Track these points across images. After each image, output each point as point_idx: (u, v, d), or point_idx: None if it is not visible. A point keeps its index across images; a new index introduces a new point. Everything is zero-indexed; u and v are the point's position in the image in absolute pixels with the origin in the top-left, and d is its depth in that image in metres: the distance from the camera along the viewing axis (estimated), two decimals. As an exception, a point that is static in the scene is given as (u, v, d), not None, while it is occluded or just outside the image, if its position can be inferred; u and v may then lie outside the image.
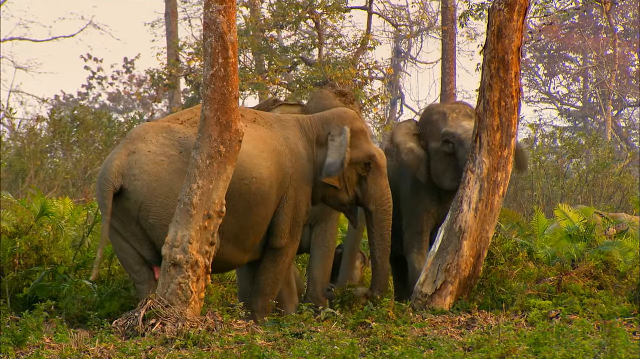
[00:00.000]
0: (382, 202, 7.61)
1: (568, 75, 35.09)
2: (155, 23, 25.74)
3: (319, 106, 8.09)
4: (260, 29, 20.86)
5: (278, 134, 7.43)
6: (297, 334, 6.58)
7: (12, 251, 7.91)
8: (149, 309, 6.64)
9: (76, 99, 33.39)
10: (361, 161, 7.56)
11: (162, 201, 6.93)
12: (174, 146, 7.07)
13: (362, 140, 7.58)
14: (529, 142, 19.94)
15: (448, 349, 6.16)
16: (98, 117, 19.70)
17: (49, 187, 17.29)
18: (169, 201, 6.91)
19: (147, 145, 7.03)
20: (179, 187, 6.81)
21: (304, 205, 7.43)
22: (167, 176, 6.97)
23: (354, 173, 7.58)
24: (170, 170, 6.99)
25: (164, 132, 7.11)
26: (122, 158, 6.99)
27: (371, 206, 7.60)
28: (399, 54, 29.85)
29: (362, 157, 7.57)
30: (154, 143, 7.05)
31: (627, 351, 5.95)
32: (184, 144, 7.07)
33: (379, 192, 7.62)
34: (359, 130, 7.58)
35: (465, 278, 7.46)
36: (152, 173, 6.95)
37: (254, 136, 7.30)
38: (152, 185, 6.94)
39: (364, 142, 7.58)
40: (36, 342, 6.22)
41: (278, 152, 7.34)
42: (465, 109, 8.34)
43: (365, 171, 7.58)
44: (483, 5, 17.01)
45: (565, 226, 10.25)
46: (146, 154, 6.99)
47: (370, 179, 7.60)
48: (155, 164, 6.98)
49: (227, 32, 6.75)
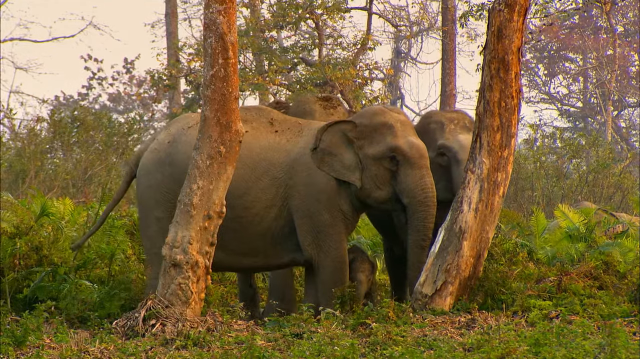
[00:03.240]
0: (416, 194, 7.52)
1: (568, 75, 35.07)
2: (155, 24, 25.73)
3: (299, 110, 8.07)
4: (261, 29, 20.86)
5: (283, 141, 7.43)
6: (298, 334, 6.58)
7: (12, 252, 7.91)
8: (149, 309, 6.64)
9: (76, 100, 33.38)
10: (383, 156, 7.53)
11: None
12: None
13: (383, 134, 7.53)
14: (529, 143, 19.93)
15: (448, 350, 6.16)
16: (98, 117, 19.69)
17: (49, 187, 17.28)
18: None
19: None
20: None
21: (327, 213, 7.41)
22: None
23: (381, 169, 7.54)
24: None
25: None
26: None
27: (405, 199, 7.54)
28: (399, 55, 29.84)
29: (384, 152, 7.53)
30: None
31: (627, 352, 5.95)
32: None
33: (412, 184, 7.53)
34: (379, 125, 7.54)
35: (465, 278, 7.46)
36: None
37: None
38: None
39: (386, 136, 7.52)
40: (36, 342, 6.22)
41: (269, 162, 7.35)
42: (464, 120, 8.29)
43: (395, 165, 7.53)
44: (483, 5, 17.01)
45: (565, 226, 10.25)
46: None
47: (401, 172, 7.54)
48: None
49: (227, 32, 6.76)
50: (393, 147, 7.52)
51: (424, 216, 7.57)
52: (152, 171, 7.44)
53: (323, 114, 8.10)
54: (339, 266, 7.42)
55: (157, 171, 7.41)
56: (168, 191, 7.38)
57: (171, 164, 7.38)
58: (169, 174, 7.37)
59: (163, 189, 7.39)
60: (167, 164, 7.40)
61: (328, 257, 7.39)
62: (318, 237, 7.39)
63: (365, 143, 7.56)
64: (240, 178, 7.34)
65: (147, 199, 7.45)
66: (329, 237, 7.40)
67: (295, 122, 7.60)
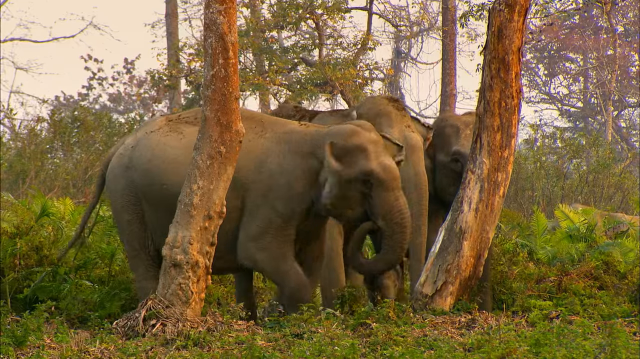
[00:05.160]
0: (392, 216, 7.20)
1: (568, 75, 35.09)
2: (155, 24, 25.72)
3: (373, 112, 7.96)
4: (261, 29, 20.87)
5: (245, 142, 7.26)
6: (298, 334, 6.58)
7: (12, 252, 7.92)
8: (150, 309, 6.64)
9: (77, 100, 33.39)
10: (356, 178, 7.20)
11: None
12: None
13: (357, 157, 7.19)
14: (529, 143, 19.94)
15: (448, 350, 6.16)
16: (98, 118, 19.70)
17: (49, 188, 17.29)
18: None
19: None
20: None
21: (278, 217, 7.17)
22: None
23: (352, 190, 7.20)
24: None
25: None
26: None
27: (380, 222, 7.23)
28: (399, 55, 29.84)
29: (357, 175, 7.20)
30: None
31: (627, 352, 5.95)
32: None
33: (387, 207, 7.20)
34: (353, 147, 7.20)
35: (465, 278, 7.46)
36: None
37: (182, 143, 7.29)
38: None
39: (359, 159, 7.19)
40: (37, 343, 6.22)
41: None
42: None
43: (367, 188, 7.20)
44: (483, 5, 17.01)
45: (565, 226, 10.26)
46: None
47: (375, 195, 7.20)
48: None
49: (227, 32, 6.75)
50: (367, 171, 7.20)
51: (402, 237, 7.26)
52: (117, 175, 7.44)
53: (398, 116, 8.04)
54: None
55: (121, 176, 7.41)
56: (132, 195, 7.37)
57: (132, 168, 7.37)
58: (131, 178, 7.37)
59: (127, 193, 7.39)
60: (129, 168, 7.40)
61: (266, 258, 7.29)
62: (264, 240, 7.27)
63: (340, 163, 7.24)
64: None
65: (115, 203, 7.46)
66: (274, 240, 7.26)
67: (259, 122, 7.41)
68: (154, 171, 7.26)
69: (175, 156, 7.26)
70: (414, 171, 7.90)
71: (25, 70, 28.61)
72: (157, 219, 7.27)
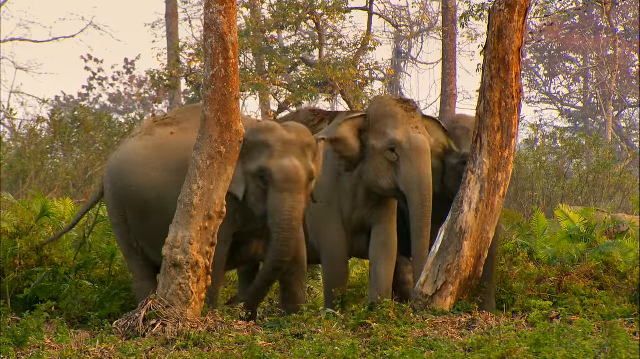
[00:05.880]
0: (274, 217, 7.10)
1: (569, 75, 35.09)
2: (155, 24, 25.71)
3: (381, 112, 7.95)
4: (261, 29, 20.87)
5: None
6: (298, 335, 6.58)
7: (12, 252, 7.92)
8: (150, 309, 6.64)
9: (77, 100, 33.39)
10: (255, 174, 7.19)
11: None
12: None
13: (260, 153, 7.16)
14: (529, 143, 19.93)
15: (449, 350, 6.16)
16: (99, 118, 19.70)
17: (49, 188, 17.29)
18: None
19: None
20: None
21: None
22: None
23: (255, 185, 7.18)
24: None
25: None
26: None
27: (270, 219, 7.14)
28: (399, 55, 29.83)
29: (255, 171, 7.17)
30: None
31: (627, 352, 5.96)
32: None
33: (272, 207, 7.10)
34: (259, 143, 7.16)
35: (466, 278, 7.46)
36: None
37: (151, 144, 7.35)
38: None
39: (262, 156, 7.15)
40: (37, 343, 6.23)
41: (176, 161, 7.24)
42: None
43: (264, 185, 7.16)
44: (484, 5, 17.00)
45: (565, 226, 10.26)
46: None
47: (268, 193, 7.14)
48: None
49: (227, 32, 6.76)
50: (263, 168, 7.16)
51: (281, 238, 7.11)
52: (106, 179, 7.61)
53: (405, 117, 8.01)
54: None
55: (109, 180, 7.57)
56: (116, 197, 7.47)
57: (112, 171, 7.52)
58: (113, 181, 7.50)
59: (112, 195, 7.50)
60: (111, 171, 7.55)
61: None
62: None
63: (247, 159, 7.24)
64: (166, 183, 7.23)
65: (107, 205, 7.63)
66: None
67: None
68: (125, 174, 7.40)
69: (144, 158, 7.37)
70: (417, 172, 7.85)
71: (25, 70, 28.61)
72: (133, 222, 7.42)
